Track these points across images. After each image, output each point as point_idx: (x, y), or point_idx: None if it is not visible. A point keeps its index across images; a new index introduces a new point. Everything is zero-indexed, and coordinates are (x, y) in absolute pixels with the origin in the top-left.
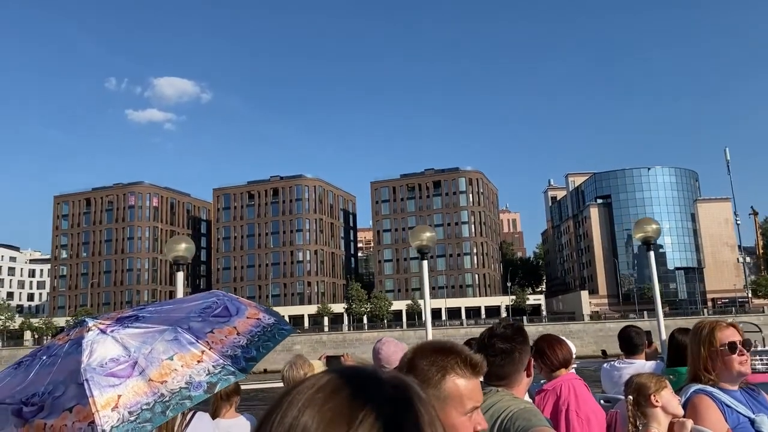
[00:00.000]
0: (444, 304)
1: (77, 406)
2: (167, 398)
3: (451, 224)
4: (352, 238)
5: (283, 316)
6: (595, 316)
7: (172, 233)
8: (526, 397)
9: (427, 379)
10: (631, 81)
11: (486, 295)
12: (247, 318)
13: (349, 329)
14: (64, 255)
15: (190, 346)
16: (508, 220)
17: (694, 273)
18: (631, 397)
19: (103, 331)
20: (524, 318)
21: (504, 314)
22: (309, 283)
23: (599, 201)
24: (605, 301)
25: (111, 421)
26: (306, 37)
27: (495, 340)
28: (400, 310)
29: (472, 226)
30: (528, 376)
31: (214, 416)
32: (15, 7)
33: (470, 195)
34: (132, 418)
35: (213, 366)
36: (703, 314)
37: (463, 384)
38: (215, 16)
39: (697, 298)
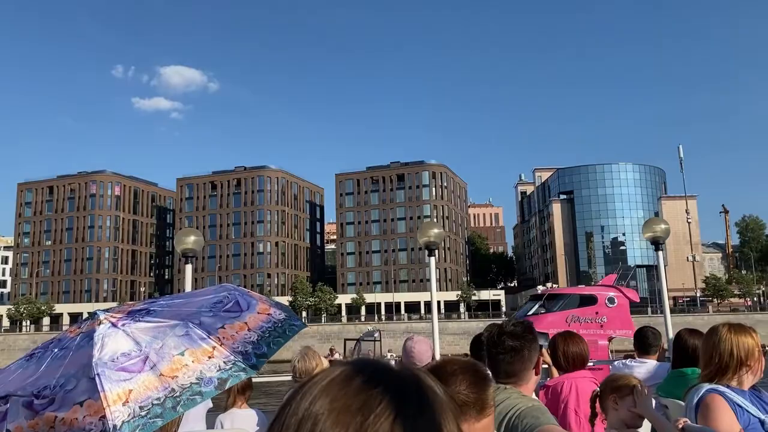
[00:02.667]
0: (402, 298)
1: (88, 401)
2: (178, 394)
3: (414, 218)
4: (318, 230)
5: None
6: None
7: (134, 222)
8: (533, 395)
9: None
10: (622, 75)
11: (448, 290)
12: (258, 313)
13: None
14: (26, 242)
15: (201, 342)
16: (491, 214)
17: (656, 271)
18: (598, 389)
19: (114, 325)
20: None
21: (463, 309)
22: (269, 275)
23: (562, 197)
24: None
25: (122, 415)
26: (294, 31)
27: (505, 338)
28: (343, 304)
29: (435, 219)
30: (536, 374)
31: (229, 407)
32: None
33: (433, 188)
34: (143, 413)
35: (224, 362)
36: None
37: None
38: (220, 5)
39: (659, 296)
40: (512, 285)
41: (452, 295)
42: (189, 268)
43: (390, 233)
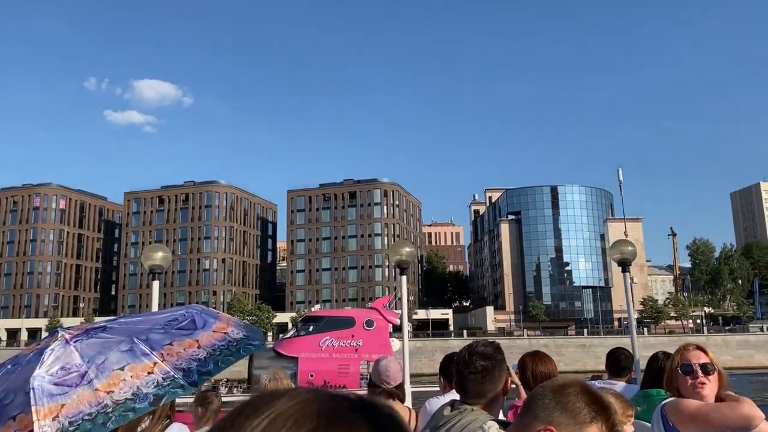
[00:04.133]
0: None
1: (20, 415)
2: (110, 409)
3: (365, 236)
4: (270, 247)
5: (260, 331)
6: (500, 333)
7: (80, 236)
8: (501, 416)
9: (574, 414)
10: (587, 99)
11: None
12: (213, 332)
13: None
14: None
15: (144, 357)
16: (451, 233)
17: (602, 291)
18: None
19: (67, 341)
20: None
21: (409, 328)
22: (215, 292)
23: (510, 217)
24: (511, 317)
25: (50, 430)
26: (268, 44)
27: (475, 358)
28: (285, 323)
29: (385, 238)
30: (504, 393)
31: (200, 427)
32: None
33: (385, 207)
34: (71, 429)
35: (162, 378)
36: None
37: None
38: (196, 19)
39: (603, 317)
40: (467, 304)
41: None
42: (156, 284)
43: (341, 251)
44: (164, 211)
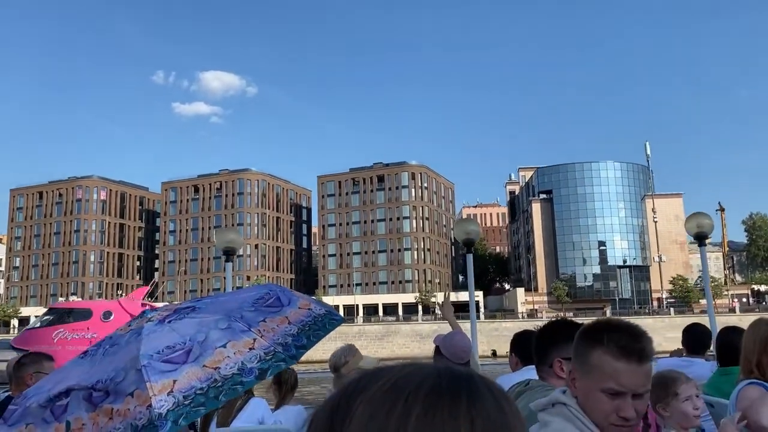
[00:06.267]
0: (380, 299)
1: (137, 391)
2: (220, 383)
3: (393, 219)
4: (305, 232)
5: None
6: (531, 314)
7: (122, 226)
8: None
9: (577, 343)
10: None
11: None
12: (299, 308)
13: None
14: (18, 247)
15: (243, 334)
16: (497, 214)
17: (641, 271)
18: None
19: (161, 321)
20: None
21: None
22: (248, 278)
23: (542, 196)
24: (544, 298)
25: (167, 404)
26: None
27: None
28: None
29: (414, 221)
30: None
31: (281, 403)
32: None
33: (413, 189)
34: (186, 402)
35: (264, 353)
36: (648, 314)
37: (607, 361)
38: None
39: (640, 297)
40: (507, 287)
41: (410, 298)
42: (229, 266)
43: (370, 234)
44: (199, 199)
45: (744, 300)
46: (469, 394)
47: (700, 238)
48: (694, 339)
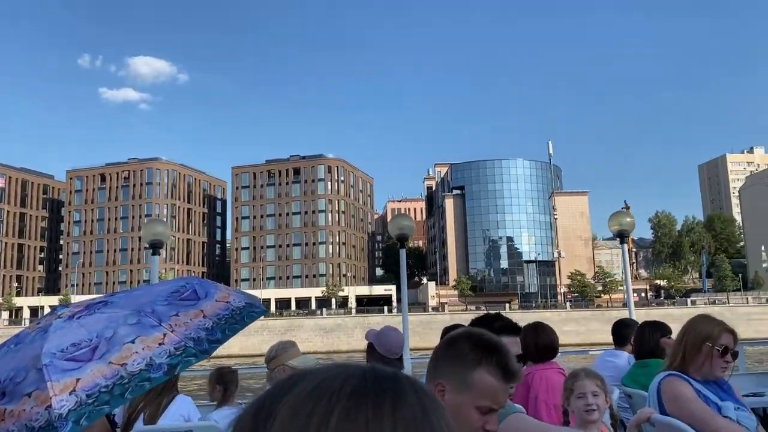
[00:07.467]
0: (292, 294)
1: (36, 391)
2: (126, 380)
3: (308, 212)
4: (219, 224)
5: (257, 298)
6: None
7: (22, 215)
8: None
9: (460, 359)
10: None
11: (347, 285)
12: (216, 301)
13: None
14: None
15: (153, 329)
16: (420, 209)
17: (547, 266)
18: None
19: (70, 317)
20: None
21: (353, 304)
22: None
23: (455, 192)
24: (455, 292)
25: (68, 404)
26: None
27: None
28: None
29: (329, 214)
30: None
31: (223, 403)
32: None
33: (329, 183)
34: (90, 401)
35: (174, 348)
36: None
37: (488, 381)
38: None
39: (547, 291)
40: (424, 280)
41: (316, 292)
42: (156, 259)
43: (285, 228)
44: (106, 188)
45: (643, 295)
46: (395, 394)
47: (622, 236)
48: (617, 332)
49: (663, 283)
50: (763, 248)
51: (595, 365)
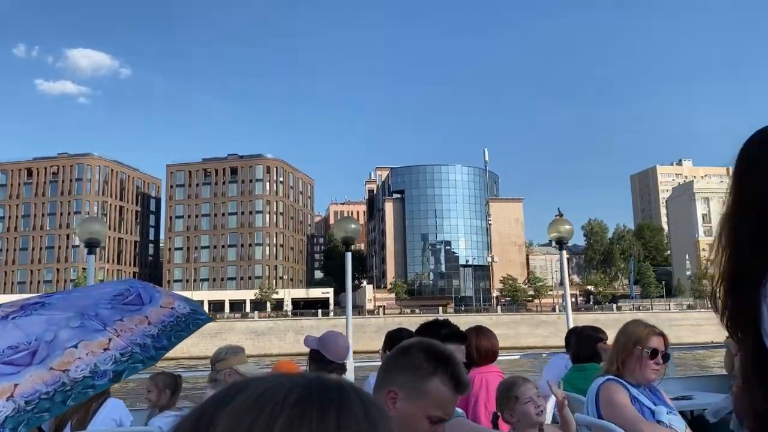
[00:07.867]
0: (226, 296)
1: None
2: (69, 387)
3: (246, 213)
4: (153, 223)
5: (200, 305)
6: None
7: None
8: None
9: (415, 368)
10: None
11: (284, 287)
12: (161, 307)
13: None
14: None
15: (97, 334)
16: (363, 212)
17: (483, 270)
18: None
19: (4, 318)
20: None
21: (289, 307)
22: (84, 269)
23: (395, 196)
24: (392, 295)
25: (5, 410)
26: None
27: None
28: None
29: (267, 215)
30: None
31: (165, 408)
32: None
33: (267, 183)
34: (29, 408)
35: (120, 354)
36: (487, 312)
37: (442, 391)
38: None
39: (482, 295)
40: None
41: (250, 294)
42: (92, 259)
43: (221, 228)
44: (32, 184)
45: (573, 300)
46: (340, 404)
47: (561, 243)
48: (567, 340)
49: (593, 288)
50: (687, 257)
51: (548, 366)
